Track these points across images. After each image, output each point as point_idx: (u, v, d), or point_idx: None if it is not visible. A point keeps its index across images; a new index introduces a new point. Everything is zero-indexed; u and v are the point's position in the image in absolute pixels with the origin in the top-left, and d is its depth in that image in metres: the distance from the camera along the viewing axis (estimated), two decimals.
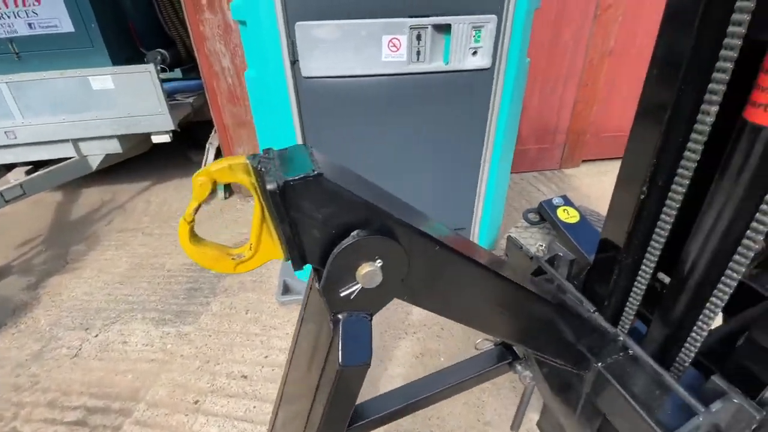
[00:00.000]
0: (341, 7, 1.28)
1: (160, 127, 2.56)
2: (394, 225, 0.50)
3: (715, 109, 0.65)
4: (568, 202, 1.38)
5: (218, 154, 2.97)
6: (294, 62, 1.35)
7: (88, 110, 2.41)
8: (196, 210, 0.45)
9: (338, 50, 1.33)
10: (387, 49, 1.33)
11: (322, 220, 0.48)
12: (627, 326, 0.95)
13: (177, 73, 3.17)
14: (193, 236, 0.47)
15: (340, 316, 0.54)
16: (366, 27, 1.29)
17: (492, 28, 1.33)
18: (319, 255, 0.50)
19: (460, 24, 1.31)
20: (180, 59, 3.20)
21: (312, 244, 0.49)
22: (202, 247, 0.48)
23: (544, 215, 1.41)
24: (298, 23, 1.28)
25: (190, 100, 2.96)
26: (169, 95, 2.78)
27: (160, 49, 2.93)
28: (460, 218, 1.83)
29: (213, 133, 2.89)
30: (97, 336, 1.88)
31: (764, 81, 0.57)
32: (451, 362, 1.02)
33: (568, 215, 1.35)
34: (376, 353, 1.69)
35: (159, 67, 2.50)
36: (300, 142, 1.48)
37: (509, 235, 1.44)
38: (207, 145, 2.96)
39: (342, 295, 0.53)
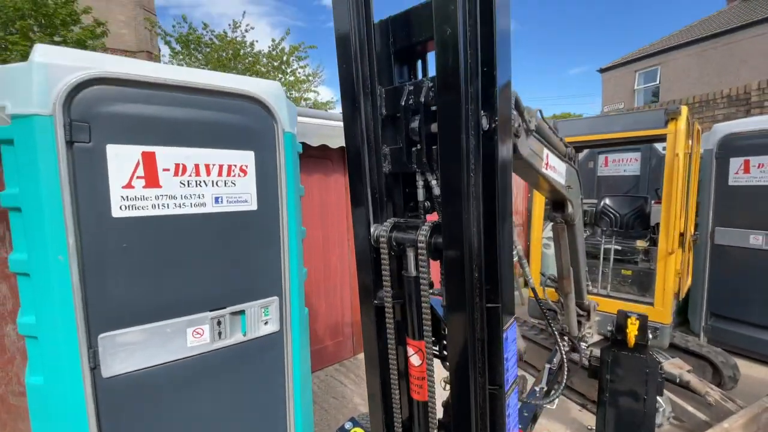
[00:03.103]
0: (147, 311, 1.53)
1: None
2: None
3: None
4: (356, 423, 1.80)
5: None
6: (94, 368, 1.44)
7: None
8: None
9: (144, 348, 1.51)
10: (191, 337, 1.61)
11: None
12: None
13: None
14: None
15: None
16: (171, 326, 1.56)
17: (276, 305, 1.83)
18: None
19: (252, 308, 1.75)
20: None
21: None
22: None
23: None
24: (101, 335, 1.43)
25: None
26: None
27: None
28: None
29: None
30: None
31: None
32: None
33: None
34: None
35: None
36: None
37: None
38: None
39: None
